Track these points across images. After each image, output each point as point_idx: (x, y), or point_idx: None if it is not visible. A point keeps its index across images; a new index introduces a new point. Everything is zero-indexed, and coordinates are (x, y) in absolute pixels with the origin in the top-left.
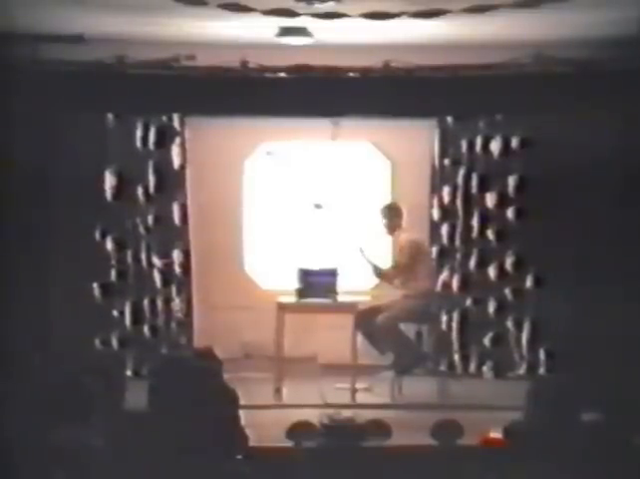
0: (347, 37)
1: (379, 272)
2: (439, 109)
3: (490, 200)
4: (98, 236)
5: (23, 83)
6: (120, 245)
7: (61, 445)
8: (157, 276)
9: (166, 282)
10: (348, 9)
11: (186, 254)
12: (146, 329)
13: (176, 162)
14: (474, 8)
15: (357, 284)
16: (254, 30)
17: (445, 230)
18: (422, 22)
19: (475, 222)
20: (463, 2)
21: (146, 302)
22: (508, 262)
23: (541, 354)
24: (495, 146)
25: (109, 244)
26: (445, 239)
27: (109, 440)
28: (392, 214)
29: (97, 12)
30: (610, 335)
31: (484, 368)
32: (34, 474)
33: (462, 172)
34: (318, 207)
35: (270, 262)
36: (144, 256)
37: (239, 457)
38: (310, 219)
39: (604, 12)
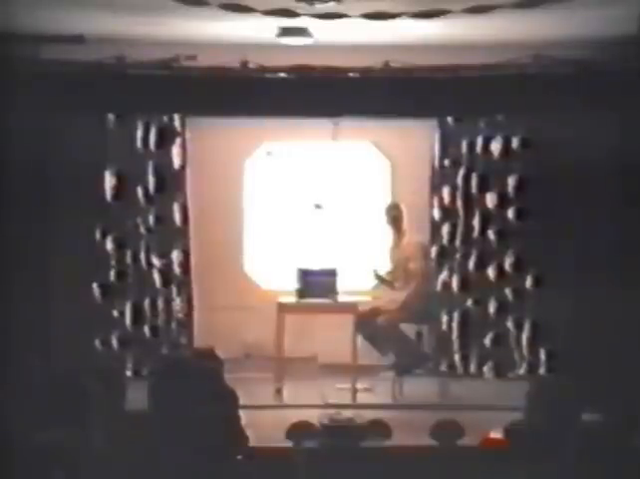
0: (347, 37)
1: (391, 285)
2: (439, 109)
3: (491, 200)
4: (98, 236)
5: (23, 83)
6: (120, 246)
7: (61, 445)
8: (157, 277)
9: (167, 282)
10: (348, 9)
11: (186, 254)
12: (146, 329)
13: (177, 162)
14: (474, 8)
15: (357, 284)
16: (255, 30)
17: (445, 230)
18: (422, 22)
19: (475, 222)
20: (463, 2)
21: (146, 302)
22: (508, 262)
23: (542, 355)
24: (496, 146)
25: (109, 245)
26: (445, 240)
27: (109, 440)
28: (394, 214)
29: (97, 12)
30: (610, 335)
31: (485, 369)
32: (34, 474)
33: (462, 172)
34: (318, 207)
35: (270, 262)
36: (144, 256)
37: (239, 457)
38: (310, 219)
39: (604, 12)
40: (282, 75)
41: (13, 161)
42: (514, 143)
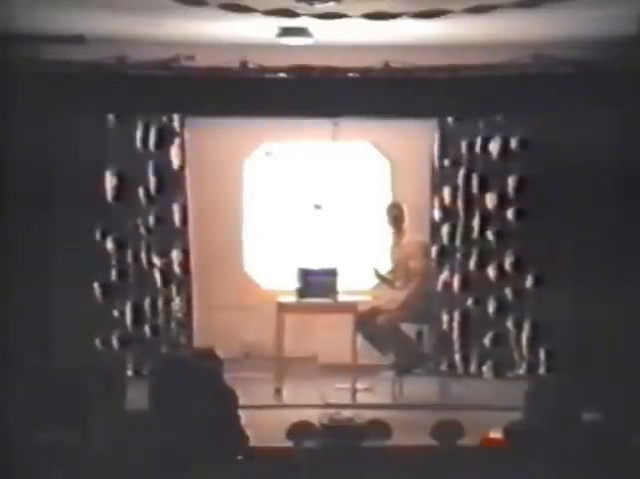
0: (347, 37)
1: (391, 285)
2: (439, 109)
3: (491, 200)
4: (98, 236)
5: (23, 83)
6: (120, 246)
7: (60, 445)
8: (157, 277)
9: (167, 282)
10: (348, 9)
11: (186, 254)
12: (146, 329)
13: (176, 162)
14: (474, 8)
15: (357, 285)
16: (254, 30)
17: (445, 230)
18: (422, 22)
19: (475, 222)
20: (463, 2)
21: (146, 303)
22: (508, 262)
23: (542, 354)
24: (495, 146)
25: (109, 245)
26: (445, 240)
27: (109, 440)
28: (395, 213)
29: (97, 12)
30: (610, 335)
31: (485, 368)
32: (33, 474)
33: (461, 172)
34: (318, 207)
35: (270, 262)
36: (144, 257)
37: (239, 457)
38: (310, 219)
39: (604, 11)
40: (282, 75)
41: (13, 161)
42: (514, 143)
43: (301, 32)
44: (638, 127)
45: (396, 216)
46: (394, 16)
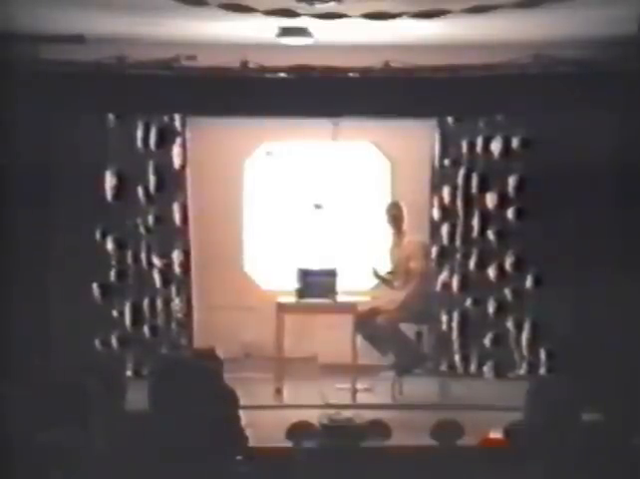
0: (347, 37)
1: (390, 284)
2: (439, 109)
3: (491, 200)
4: (98, 236)
5: (23, 83)
6: (120, 246)
7: (61, 445)
8: (156, 276)
9: (166, 282)
10: (348, 9)
11: (186, 254)
12: (146, 329)
13: (177, 162)
14: (474, 8)
15: (357, 285)
16: (255, 30)
17: (445, 230)
18: (422, 22)
19: (475, 222)
20: (463, 2)
21: (145, 302)
22: (508, 262)
23: (542, 354)
24: (496, 146)
25: (109, 244)
26: (445, 240)
27: (109, 440)
28: (394, 212)
29: (97, 12)
30: (610, 335)
31: (485, 368)
32: (33, 474)
33: (462, 172)
34: (318, 207)
35: (270, 262)
36: (144, 256)
37: (239, 457)
38: (310, 219)
39: (604, 11)
40: (282, 75)
41: (13, 161)
42: (514, 143)
43: (301, 32)
44: (638, 127)
45: (395, 215)
46: (394, 16)
